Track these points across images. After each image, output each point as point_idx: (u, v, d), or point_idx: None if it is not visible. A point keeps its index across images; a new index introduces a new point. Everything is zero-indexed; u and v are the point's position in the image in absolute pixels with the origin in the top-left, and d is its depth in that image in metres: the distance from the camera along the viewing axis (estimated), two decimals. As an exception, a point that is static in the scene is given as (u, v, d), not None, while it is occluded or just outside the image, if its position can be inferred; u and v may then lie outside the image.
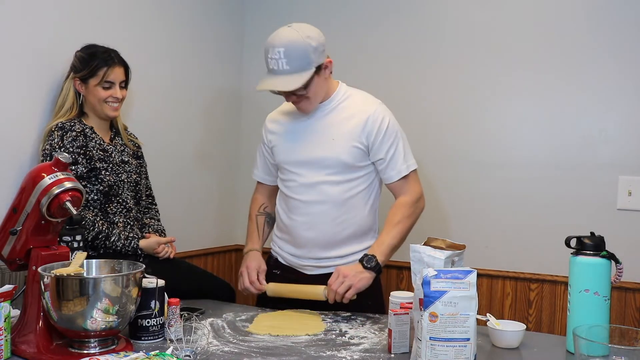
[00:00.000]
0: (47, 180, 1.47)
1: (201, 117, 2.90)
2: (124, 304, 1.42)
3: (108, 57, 2.09)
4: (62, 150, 1.95)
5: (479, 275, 1.33)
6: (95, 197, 2.01)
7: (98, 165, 2.01)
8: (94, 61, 2.08)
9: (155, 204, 2.29)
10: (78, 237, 1.76)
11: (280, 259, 2.08)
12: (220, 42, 3.00)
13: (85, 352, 1.42)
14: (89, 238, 1.94)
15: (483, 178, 2.62)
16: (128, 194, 2.11)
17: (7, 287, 1.40)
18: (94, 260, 1.59)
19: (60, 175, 1.48)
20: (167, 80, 2.68)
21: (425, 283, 1.29)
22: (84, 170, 1.98)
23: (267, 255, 2.14)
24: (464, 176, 2.67)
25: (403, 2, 2.78)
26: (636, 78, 2.38)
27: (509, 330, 1.59)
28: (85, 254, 1.54)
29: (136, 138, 2.28)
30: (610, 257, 1.53)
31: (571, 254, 1.57)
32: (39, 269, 1.42)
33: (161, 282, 1.60)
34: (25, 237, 1.49)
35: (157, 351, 1.40)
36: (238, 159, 3.15)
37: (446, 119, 2.69)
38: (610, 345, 1.25)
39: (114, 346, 1.46)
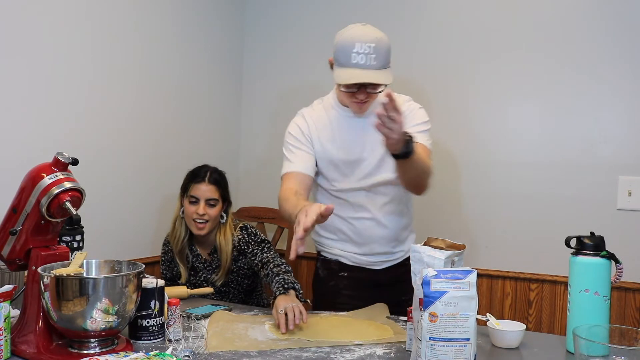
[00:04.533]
0: (47, 180, 1.46)
1: (199, 118, 2.90)
2: (124, 304, 1.42)
3: (199, 173, 2.22)
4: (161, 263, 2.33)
5: (479, 275, 1.33)
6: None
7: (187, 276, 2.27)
8: (188, 177, 2.25)
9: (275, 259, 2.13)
10: (78, 237, 1.76)
11: (344, 260, 2.07)
12: (220, 44, 3.01)
13: (85, 352, 1.41)
14: None
15: (483, 178, 2.62)
16: (238, 289, 2.29)
17: (7, 287, 1.39)
18: (93, 260, 1.59)
19: (60, 175, 1.48)
20: (166, 80, 2.68)
21: (425, 283, 1.29)
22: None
23: (322, 261, 2.13)
24: (464, 176, 2.68)
25: (406, 1, 2.78)
26: (636, 79, 2.38)
27: (509, 330, 1.59)
28: (85, 253, 1.54)
29: (245, 233, 2.23)
30: (610, 257, 1.53)
31: (571, 254, 1.57)
32: (39, 269, 1.42)
33: (161, 282, 1.60)
34: (25, 237, 1.49)
35: (157, 351, 1.40)
36: (237, 161, 3.16)
37: (446, 120, 2.69)
38: (610, 345, 1.25)
39: (113, 346, 1.46)
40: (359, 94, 1.86)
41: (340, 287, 2.08)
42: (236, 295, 2.29)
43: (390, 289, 2.04)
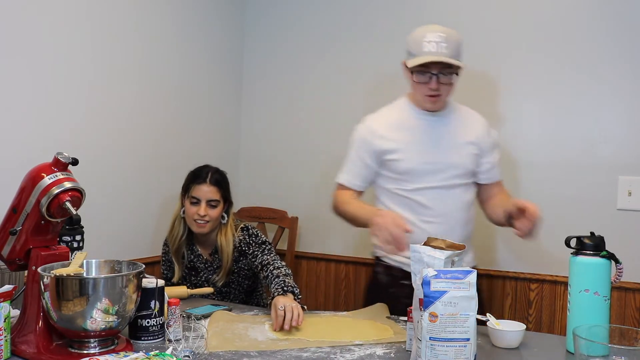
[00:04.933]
0: (47, 180, 1.46)
1: (199, 118, 2.90)
2: (124, 304, 1.42)
3: (200, 173, 2.22)
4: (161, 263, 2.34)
5: (478, 275, 1.33)
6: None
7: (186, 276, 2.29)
8: (190, 177, 2.25)
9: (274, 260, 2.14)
10: (78, 237, 1.76)
11: (407, 268, 1.94)
12: (220, 44, 3.01)
13: (85, 352, 1.41)
14: None
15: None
16: (239, 289, 2.30)
17: (7, 287, 1.39)
18: (93, 260, 1.59)
19: (60, 175, 1.48)
20: (165, 81, 2.68)
21: (425, 283, 1.29)
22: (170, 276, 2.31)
23: (383, 267, 2.08)
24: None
25: (406, 1, 2.78)
26: (636, 79, 2.38)
27: (509, 330, 1.59)
28: (85, 253, 1.54)
29: (246, 234, 2.24)
30: (610, 257, 1.53)
31: (571, 254, 1.57)
32: (39, 269, 1.42)
33: (161, 282, 1.60)
34: (25, 237, 1.49)
35: (157, 351, 1.40)
36: (237, 161, 3.16)
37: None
38: (610, 345, 1.25)
39: (113, 346, 1.46)
40: (431, 83, 1.91)
41: (400, 295, 1.95)
42: (237, 296, 2.29)
43: None
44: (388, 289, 2.06)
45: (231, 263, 2.21)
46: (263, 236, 2.25)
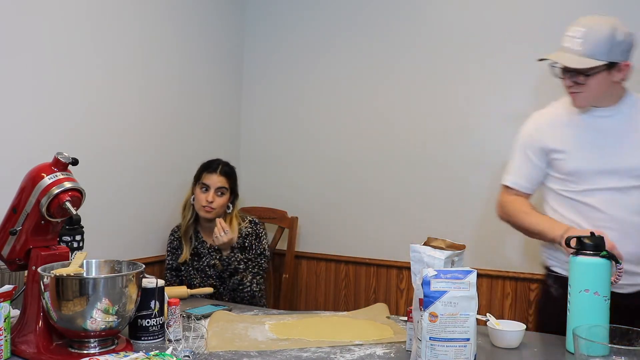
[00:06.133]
0: (47, 180, 1.46)
1: (199, 119, 2.90)
2: (124, 304, 1.42)
3: (211, 164, 2.45)
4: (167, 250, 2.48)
5: (479, 275, 1.33)
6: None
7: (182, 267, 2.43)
8: (202, 167, 2.47)
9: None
10: (78, 237, 1.76)
11: None
12: (220, 44, 3.01)
13: (85, 352, 1.41)
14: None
15: (483, 177, 2.62)
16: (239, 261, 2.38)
17: (7, 287, 1.39)
18: (93, 260, 1.59)
19: (59, 175, 1.48)
20: (166, 81, 2.68)
21: (425, 283, 1.29)
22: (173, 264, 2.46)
23: (554, 278, 1.90)
24: (463, 176, 2.67)
25: (406, 1, 2.78)
26: (636, 79, 2.37)
27: (509, 330, 1.59)
28: (85, 253, 1.54)
29: (254, 225, 2.45)
30: (610, 257, 1.53)
31: (571, 254, 1.57)
32: (39, 269, 1.42)
33: (161, 282, 1.60)
34: (25, 237, 1.49)
35: (157, 351, 1.40)
36: (237, 162, 3.16)
37: (445, 120, 2.69)
38: (610, 345, 1.25)
39: (113, 346, 1.46)
40: (565, 81, 1.80)
41: None
42: (236, 268, 2.33)
43: (630, 317, 1.58)
44: (567, 301, 1.79)
45: (235, 243, 2.37)
46: (265, 240, 2.42)
